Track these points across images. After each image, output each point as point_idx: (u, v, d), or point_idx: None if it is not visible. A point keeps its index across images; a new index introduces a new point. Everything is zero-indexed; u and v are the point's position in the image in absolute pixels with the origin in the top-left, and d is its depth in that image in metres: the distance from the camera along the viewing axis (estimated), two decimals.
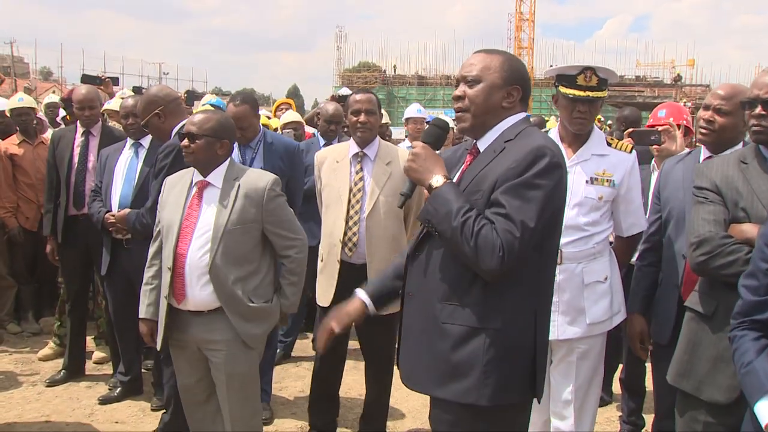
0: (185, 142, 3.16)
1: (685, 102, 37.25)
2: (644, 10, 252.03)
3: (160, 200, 3.34)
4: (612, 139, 3.33)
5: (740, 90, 3.07)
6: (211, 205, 3.16)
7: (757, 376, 1.96)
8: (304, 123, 7.07)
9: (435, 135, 2.36)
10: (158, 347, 3.28)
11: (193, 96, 7.26)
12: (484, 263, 2.03)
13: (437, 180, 2.17)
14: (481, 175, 2.17)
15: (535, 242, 2.10)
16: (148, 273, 3.37)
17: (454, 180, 2.26)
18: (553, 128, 3.42)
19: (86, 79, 6.27)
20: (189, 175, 3.29)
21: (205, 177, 3.20)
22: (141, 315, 3.36)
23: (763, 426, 1.88)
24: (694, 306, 2.66)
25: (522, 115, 2.30)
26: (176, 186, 3.29)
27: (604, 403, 4.85)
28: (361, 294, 2.49)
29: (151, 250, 3.38)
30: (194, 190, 3.21)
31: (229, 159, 3.26)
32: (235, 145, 3.94)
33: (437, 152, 2.32)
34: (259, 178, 3.25)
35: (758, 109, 2.47)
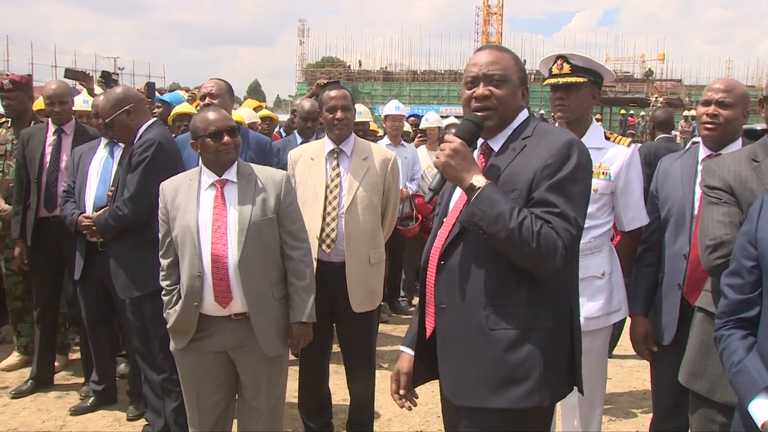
0: (227, 139, 3.16)
1: (656, 97, 38.04)
2: (614, 4, 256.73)
3: (166, 208, 3.28)
4: (611, 133, 3.40)
5: (737, 83, 3.19)
6: (235, 202, 3.19)
7: (749, 375, 1.98)
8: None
9: (470, 131, 2.28)
10: (182, 346, 3.25)
11: (153, 88, 7.21)
12: (547, 263, 2.08)
13: (479, 180, 2.15)
14: (509, 174, 2.20)
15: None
16: (165, 282, 3.35)
17: None
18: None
19: (69, 74, 6.18)
20: (189, 177, 3.29)
21: (221, 176, 3.22)
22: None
23: (760, 425, 1.91)
24: (706, 307, 2.71)
25: (527, 112, 2.37)
26: (179, 191, 3.26)
27: None
28: (405, 349, 2.52)
29: (167, 261, 3.32)
30: (213, 190, 3.21)
31: None
32: None
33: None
34: (273, 171, 3.34)
35: None
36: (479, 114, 2.30)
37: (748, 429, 1.98)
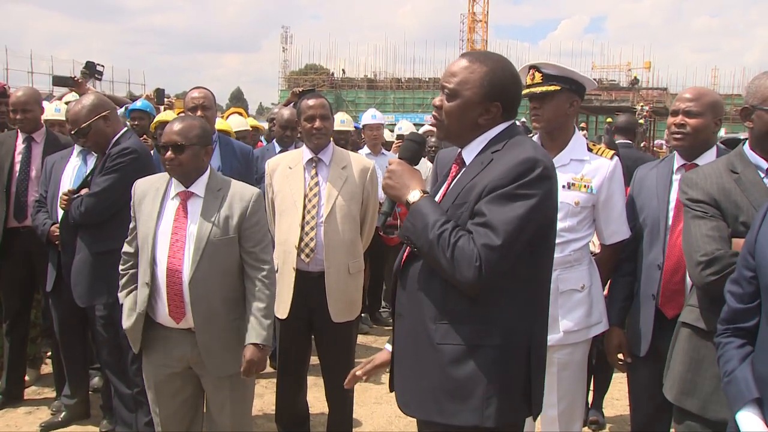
0: (169, 154, 3.10)
1: (642, 106, 38.37)
2: (600, 11, 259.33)
3: (134, 207, 3.29)
4: (594, 144, 3.41)
5: (706, 91, 3.23)
6: (196, 217, 3.15)
7: (738, 386, 2.01)
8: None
9: (412, 150, 2.37)
10: (136, 350, 3.27)
11: (163, 94, 7.16)
12: (460, 275, 2.02)
13: (414, 195, 2.20)
14: (470, 188, 2.16)
15: (518, 253, 2.08)
16: (122, 267, 3.34)
17: (442, 190, 2.31)
18: (536, 135, 3.48)
19: (58, 81, 6.14)
20: (161, 182, 3.27)
21: (187, 187, 3.19)
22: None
23: None
24: (693, 322, 2.69)
25: (506, 124, 2.28)
26: (146, 195, 3.25)
27: (599, 427, 4.91)
28: (388, 346, 2.53)
29: (129, 249, 3.33)
30: (176, 201, 3.19)
31: (209, 167, 3.27)
32: None
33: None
34: (244, 189, 3.28)
35: None
36: (432, 123, 2.36)
37: None
